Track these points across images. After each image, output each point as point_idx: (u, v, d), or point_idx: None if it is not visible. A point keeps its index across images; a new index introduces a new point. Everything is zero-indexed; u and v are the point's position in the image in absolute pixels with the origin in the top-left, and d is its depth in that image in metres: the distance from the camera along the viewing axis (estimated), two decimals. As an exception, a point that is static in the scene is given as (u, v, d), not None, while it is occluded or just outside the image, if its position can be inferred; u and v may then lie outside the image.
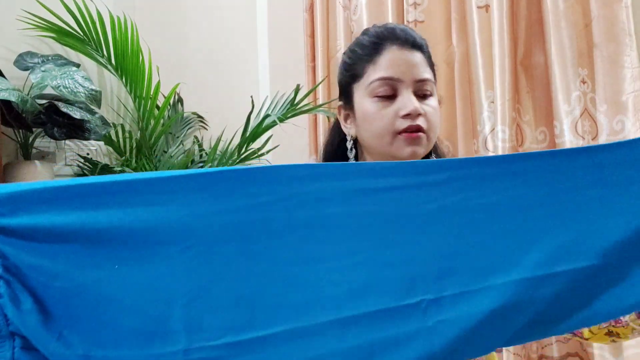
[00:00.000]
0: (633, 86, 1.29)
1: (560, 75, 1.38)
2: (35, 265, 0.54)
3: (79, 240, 0.54)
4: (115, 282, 0.54)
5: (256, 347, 0.53)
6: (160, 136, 1.63)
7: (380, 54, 0.90)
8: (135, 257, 0.54)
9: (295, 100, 1.69)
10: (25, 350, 0.56)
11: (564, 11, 1.39)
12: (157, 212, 0.54)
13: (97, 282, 0.54)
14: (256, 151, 1.72)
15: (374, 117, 0.89)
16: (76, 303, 0.54)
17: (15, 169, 1.41)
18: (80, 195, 0.54)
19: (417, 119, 0.87)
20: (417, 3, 1.68)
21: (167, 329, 0.53)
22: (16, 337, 0.55)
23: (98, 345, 0.54)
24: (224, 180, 0.55)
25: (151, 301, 0.54)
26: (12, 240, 0.54)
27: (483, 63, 1.52)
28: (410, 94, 0.88)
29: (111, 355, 0.54)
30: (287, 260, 0.55)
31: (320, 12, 2.07)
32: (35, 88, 1.38)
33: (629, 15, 1.30)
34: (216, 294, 0.54)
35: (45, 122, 1.43)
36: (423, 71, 0.89)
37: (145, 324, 0.54)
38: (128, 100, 1.70)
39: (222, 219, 0.54)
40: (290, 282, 0.55)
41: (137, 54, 1.58)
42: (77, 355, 0.54)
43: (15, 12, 1.52)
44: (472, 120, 1.58)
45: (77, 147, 1.62)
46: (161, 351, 0.53)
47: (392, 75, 0.88)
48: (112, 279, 0.54)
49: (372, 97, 0.90)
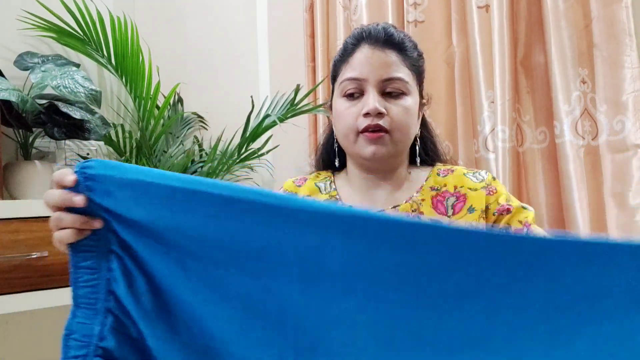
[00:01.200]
0: (633, 86, 1.29)
1: (560, 75, 1.38)
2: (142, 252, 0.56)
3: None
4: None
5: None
6: (160, 136, 1.63)
7: (353, 54, 0.91)
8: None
9: (295, 100, 1.69)
10: (114, 331, 0.57)
11: (564, 11, 1.39)
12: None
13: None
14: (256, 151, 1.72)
15: (341, 116, 0.91)
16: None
17: (15, 169, 1.41)
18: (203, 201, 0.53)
19: (379, 119, 0.87)
20: (417, 3, 1.68)
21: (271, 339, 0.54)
22: (109, 316, 0.57)
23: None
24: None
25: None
26: (120, 221, 0.56)
27: (483, 63, 1.52)
28: (375, 93, 0.88)
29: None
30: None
31: (320, 12, 2.07)
32: (35, 88, 1.38)
33: (629, 15, 1.30)
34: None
35: (45, 122, 1.43)
36: (393, 70, 0.89)
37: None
38: (128, 100, 1.70)
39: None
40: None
41: (137, 54, 1.58)
42: (182, 342, 0.56)
43: (15, 12, 1.52)
44: (472, 120, 1.58)
45: (77, 147, 1.62)
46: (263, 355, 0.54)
47: (357, 75, 0.89)
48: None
49: (342, 97, 0.92)
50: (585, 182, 1.35)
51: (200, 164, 1.76)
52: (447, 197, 0.93)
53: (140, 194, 0.55)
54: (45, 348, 1.56)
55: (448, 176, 0.95)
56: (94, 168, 0.56)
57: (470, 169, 0.97)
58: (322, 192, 1.00)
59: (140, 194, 0.55)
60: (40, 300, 1.26)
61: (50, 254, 1.26)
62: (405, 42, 0.92)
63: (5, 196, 1.40)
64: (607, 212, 1.31)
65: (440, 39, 1.65)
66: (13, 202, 1.30)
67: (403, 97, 0.90)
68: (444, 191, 0.94)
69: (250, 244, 0.53)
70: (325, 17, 2.07)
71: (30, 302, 1.24)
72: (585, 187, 1.35)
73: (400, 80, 0.89)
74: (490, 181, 0.94)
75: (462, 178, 0.94)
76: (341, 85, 0.91)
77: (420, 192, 0.94)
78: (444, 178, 0.95)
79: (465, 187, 0.93)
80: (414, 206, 0.92)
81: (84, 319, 0.57)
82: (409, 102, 0.90)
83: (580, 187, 1.34)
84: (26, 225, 1.23)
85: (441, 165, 1.00)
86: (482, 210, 0.91)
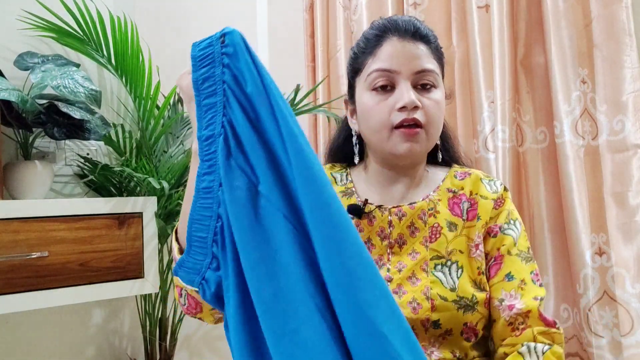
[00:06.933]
0: (633, 86, 1.29)
1: (560, 75, 1.38)
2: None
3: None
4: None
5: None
6: (160, 136, 1.63)
7: (380, 46, 0.88)
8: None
9: (295, 100, 1.69)
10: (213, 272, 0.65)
11: (564, 11, 1.39)
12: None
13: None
14: (256, 151, 1.72)
15: (371, 111, 0.87)
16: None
17: (15, 169, 1.41)
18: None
19: (414, 112, 0.84)
20: (417, 3, 1.68)
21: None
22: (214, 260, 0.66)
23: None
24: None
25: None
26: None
27: (483, 63, 1.52)
28: (409, 86, 0.85)
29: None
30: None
31: (320, 12, 2.07)
32: (35, 88, 1.38)
33: (629, 15, 1.30)
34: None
35: (45, 122, 1.42)
36: (425, 62, 0.86)
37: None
38: (128, 100, 1.70)
39: None
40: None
41: (137, 54, 1.57)
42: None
43: (15, 12, 1.52)
44: (472, 120, 1.58)
45: (77, 147, 1.62)
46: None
47: (388, 67, 0.85)
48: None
49: (370, 90, 0.87)
50: (585, 182, 1.35)
51: (200, 164, 1.76)
52: (463, 201, 0.92)
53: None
54: (45, 348, 1.56)
55: (465, 179, 0.94)
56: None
57: (487, 175, 0.96)
58: (338, 183, 0.98)
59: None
60: (40, 300, 1.25)
61: (50, 254, 1.26)
62: (430, 35, 0.90)
63: (5, 196, 1.40)
64: (607, 212, 1.31)
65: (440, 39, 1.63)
66: (13, 202, 1.30)
67: (433, 90, 0.87)
68: (461, 194, 0.93)
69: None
70: (325, 17, 2.07)
71: (30, 302, 1.24)
72: (585, 187, 1.35)
73: (432, 72, 0.87)
74: (501, 194, 0.93)
75: (478, 184, 0.93)
76: (369, 78, 0.87)
77: (438, 191, 0.93)
78: (461, 181, 0.94)
79: (479, 195, 0.92)
80: (430, 205, 0.91)
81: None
82: (439, 95, 0.88)
83: (580, 187, 1.34)
84: (26, 225, 1.23)
85: (458, 167, 0.98)
86: (485, 222, 0.90)
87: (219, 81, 0.64)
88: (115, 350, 1.69)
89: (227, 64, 0.64)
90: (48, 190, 1.47)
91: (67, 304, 1.35)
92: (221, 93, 0.64)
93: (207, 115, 0.65)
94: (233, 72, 0.64)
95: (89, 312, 1.65)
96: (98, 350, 1.66)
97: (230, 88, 0.64)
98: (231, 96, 0.63)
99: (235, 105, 0.63)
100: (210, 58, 0.66)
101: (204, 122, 0.65)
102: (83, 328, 1.64)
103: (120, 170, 1.49)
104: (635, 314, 1.24)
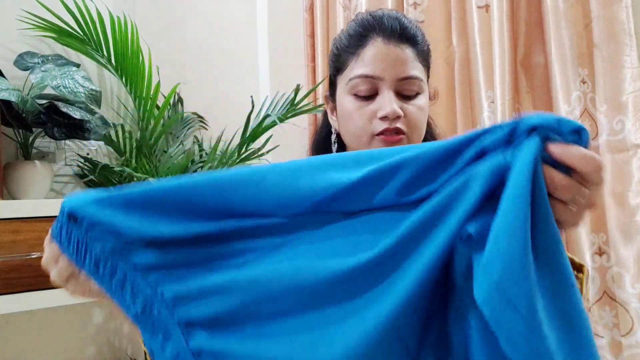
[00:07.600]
0: (633, 86, 1.29)
1: (560, 75, 1.38)
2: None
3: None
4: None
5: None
6: (160, 136, 1.63)
7: (364, 46, 0.83)
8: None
9: (295, 100, 1.69)
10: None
11: (564, 11, 1.39)
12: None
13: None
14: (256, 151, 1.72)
15: (352, 116, 0.83)
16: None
17: (15, 169, 1.41)
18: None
19: (396, 122, 0.80)
20: (417, 3, 1.68)
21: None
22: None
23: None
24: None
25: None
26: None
27: (483, 63, 1.52)
28: (391, 93, 0.81)
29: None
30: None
31: (320, 12, 2.07)
32: (35, 88, 1.38)
33: (629, 15, 1.30)
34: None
35: (45, 122, 1.42)
36: (410, 68, 0.82)
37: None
38: (128, 100, 1.70)
39: None
40: None
41: (137, 54, 1.57)
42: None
43: (15, 12, 1.52)
44: (472, 120, 1.58)
45: (77, 147, 1.62)
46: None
47: (371, 73, 0.81)
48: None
49: (352, 95, 0.84)
50: (585, 182, 1.35)
51: (200, 164, 1.76)
52: None
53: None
54: (45, 348, 1.56)
55: None
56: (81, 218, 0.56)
57: None
58: None
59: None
60: (40, 300, 1.25)
61: (50, 254, 1.26)
62: (418, 35, 0.86)
63: (5, 196, 1.40)
64: (607, 212, 1.31)
65: (440, 39, 1.65)
66: (13, 202, 1.30)
67: (417, 96, 0.84)
68: None
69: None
70: (325, 17, 2.07)
71: (30, 302, 1.24)
72: (585, 187, 1.35)
73: (417, 78, 0.83)
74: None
75: None
76: (350, 83, 0.83)
77: None
78: None
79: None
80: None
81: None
82: (423, 100, 0.85)
83: (580, 187, 1.34)
84: (26, 225, 1.23)
85: None
86: None
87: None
88: (115, 350, 1.69)
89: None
90: (48, 190, 1.47)
91: (67, 304, 1.35)
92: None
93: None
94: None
95: (89, 312, 1.65)
96: (98, 350, 1.66)
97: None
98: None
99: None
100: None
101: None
102: (83, 328, 1.64)
103: (120, 170, 1.49)
104: (635, 314, 1.24)
